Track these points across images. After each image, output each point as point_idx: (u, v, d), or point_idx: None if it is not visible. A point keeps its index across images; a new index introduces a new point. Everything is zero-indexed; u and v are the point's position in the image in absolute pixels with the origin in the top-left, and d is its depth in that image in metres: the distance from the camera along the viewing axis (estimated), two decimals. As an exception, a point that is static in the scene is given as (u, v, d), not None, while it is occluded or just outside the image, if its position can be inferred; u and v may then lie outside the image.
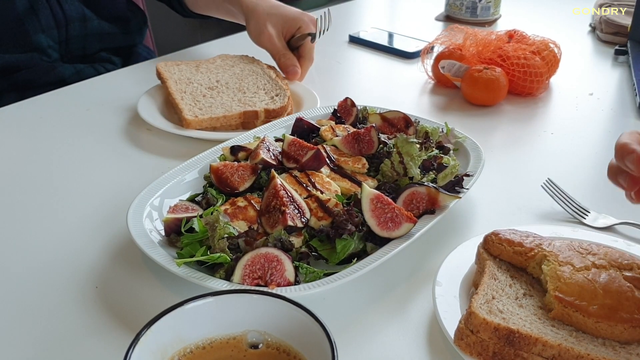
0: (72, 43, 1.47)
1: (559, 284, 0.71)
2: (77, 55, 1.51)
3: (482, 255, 0.79)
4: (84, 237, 0.91)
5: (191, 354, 0.58)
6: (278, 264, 0.76)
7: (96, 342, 0.73)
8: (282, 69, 1.39)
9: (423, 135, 1.06)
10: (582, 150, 1.18)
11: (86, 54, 1.52)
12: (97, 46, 1.53)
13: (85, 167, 1.10)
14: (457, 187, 0.92)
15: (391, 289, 0.82)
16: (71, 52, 1.49)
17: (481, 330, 0.67)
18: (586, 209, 0.96)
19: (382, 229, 0.83)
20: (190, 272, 0.76)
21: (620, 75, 1.50)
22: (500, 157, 1.14)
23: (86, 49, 1.51)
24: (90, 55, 1.54)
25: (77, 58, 1.51)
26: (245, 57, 1.44)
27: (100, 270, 0.85)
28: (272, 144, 1.00)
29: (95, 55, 1.55)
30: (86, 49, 1.52)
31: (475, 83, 1.30)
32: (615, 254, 0.76)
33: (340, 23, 1.86)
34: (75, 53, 1.50)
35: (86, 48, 1.51)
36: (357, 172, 0.96)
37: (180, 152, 1.12)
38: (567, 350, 0.65)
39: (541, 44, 1.37)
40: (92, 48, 1.53)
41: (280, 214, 0.82)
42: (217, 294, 0.59)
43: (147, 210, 0.88)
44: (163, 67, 1.35)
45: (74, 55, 1.50)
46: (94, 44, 1.52)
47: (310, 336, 0.56)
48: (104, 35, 1.53)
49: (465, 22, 1.80)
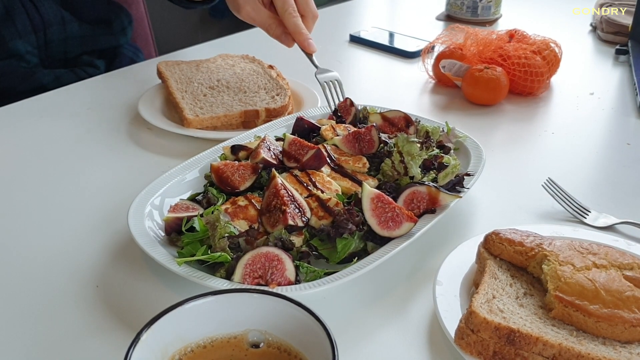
0: (52, 47, 1.44)
1: (560, 284, 0.71)
2: (59, 59, 1.47)
3: (483, 255, 0.79)
4: (85, 237, 0.91)
5: (192, 353, 0.58)
6: (279, 263, 0.76)
7: (97, 341, 0.73)
8: (278, 40, 1.25)
9: (424, 134, 1.06)
10: (583, 150, 1.18)
11: (68, 57, 1.49)
12: (78, 49, 1.49)
13: (86, 166, 1.10)
14: (457, 187, 0.92)
15: (392, 288, 0.82)
16: (52, 57, 1.45)
17: (482, 330, 0.67)
18: (587, 208, 0.96)
19: (382, 228, 0.83)
20: (190, 271, 0.76)
21: (621, 74, 1.50)
22: (501, 156, 1.14)
23: (67, 52, 1.48)
24: (72, 59, 1.50)
25: (58, 62, 1.47)
26: (246, 57, 1.44)
27: (100, 269, 0.85)
28: (273, 143, 1.00)
29: (77, 58, 1.51)
30: (67, 53, 1.48)
31: (476, 82, 1.30)
32: (615, 254, 0.76)
33: (341, 23, 1.86)
34: (56, 57, 1.46)
35: (67, 52, 1.48)
36: (358, 171, 0.96)
37: (181, 152, 1.12)
38: (568, 350, 0.65)
39: (542, 43, 1.37)
40: (74, 51, 1.49)
41: (281, 213, 0.82)
42: (218, 293, 0.59)
43: (147, 210, 0.88)
44: (164, 67, 1.35)
45: (55, 59, 1.46)
46: (75, 47, 1.48)
47: (311, 335, 0.56)
48: (86, 38, 1.49)
49: (466, 21, 1.80)
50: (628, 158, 1.14)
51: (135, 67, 1.53)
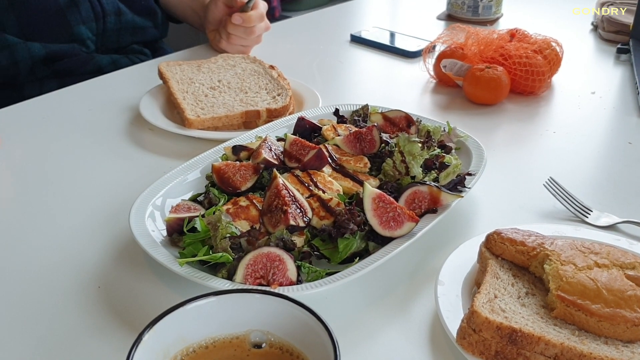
0: (107, 36, 1.55)
1: (562, 283, 0.71)
2: (111, 47, 1.58)
3: (485, 254, 0.79)
4: (87, 237, 0.91)
5: (194, 353, 0.58)
6: (280, 264, 0.76)
7: (99, 341, 0.73)
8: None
9: (425, 134, 1.06)
10: (584, 149, 1.18)
11: (119, 46, 1.60)
12: (129, 39, 1.61)
13: (87, 167, 1.10)
14: (459, 186, 0.92)
15: (393, 288, 0.82)
16: (106, 44, 1.57)
17: (483, 329, 0.67)
18: (588, 207, 0.96)
19: (384, 228, 0.83)
20: (192, 271, 0.77)
21: (622, 73, 1.50)
22: (502, 156, 1.14)
23: (120, 42, 1.59)
24: (123, 48, 1.61)
25: (111, 50, 1.58)
26: (247, 57, 1.44)
27: (102, 270, 0.85)
28: (274, 144, 1.00)
29: (127, 47, 1.62)
30: (120, 42, 1.59)
31: (477, 82, 1.30)
32: (617, 253, 0.76)
33: (342, 22, 1.86)
34: (109, 45, 1.58)
35: (120, 41, 1.59)
36: (359, 171, 0.96)
37: (182, 152, 1.12)
38: (570, 349, 0.65)
39: (543, 42, 1.37)
40: (125, 41, 1.60)
41: (283, 213, 0.82)
42: (220, 294, 0.59)
43: (149, 210, 0.88)
44: (165, 67, 1.36)
45: (108, 47, 1.58)
46: (127, 37, 1.60)
47: (312, 335, 0.56)
48: (137, 29, 1.61)
49: (467, 21, 1.80)
50: (630, 157, 1.14)
51: (136, 68, 1.53)
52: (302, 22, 1.86)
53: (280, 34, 1.69)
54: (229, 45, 1.52)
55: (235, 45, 1.52)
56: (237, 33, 1.49)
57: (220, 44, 1.53)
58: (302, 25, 1.83)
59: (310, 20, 1.89)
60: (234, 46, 1.52)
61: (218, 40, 1.54)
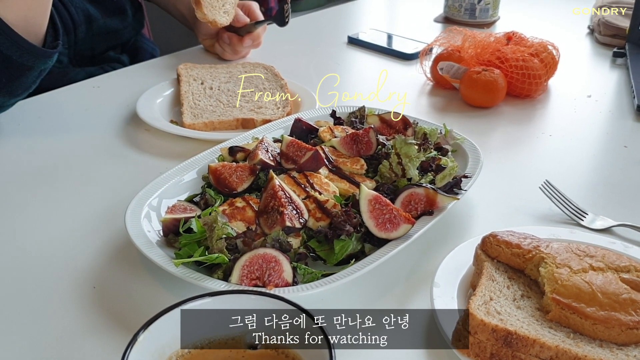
0: (80, 46, 1.49)
1: (557, 286, 0.71)
2: (86, 56, 1.53)
3: (480, 257, 0.79)
4: (82, 237, 0.91)
5: (189, 354, 0.58)
6: (276, 265, 0.76)
7: (94, 342, 0.73)
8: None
9: (421, 136, 1.06)
10: (580, 152, 1.19)
11: (94, 54, 1.55)
12: (103, 45, 1.56)
13: (83, 167, 1.10)
14: (455, 189, 0.92)
15: (389, 290, 0.82)
16: (80, 54, 1.51)
17: (479, 332, 0.67)
18: (584, 210, 0.96)
19: (380, 230, 0.83)
20: (188, 272, 0.76)
21: (618, 77, 1.50)
22: (499, 158, 1.14)
23: (94, 49, 1.54)
24: (99, 55, 1.56)
25: (85, 59, 1.53)
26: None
27: (98, 270, 0.85)
28: (271, 145, 1.00)
29: (103, 55, 1.57)
30: (94, 49, 1.54)
31: (473, 85, 1.30)
32: (612, 256, 0.76)
33: (339, 24, 1.86)
34: (84, 54, 1.52)
35: (94, 48, 1.54)
36: (356, 173, 0.96)
37: (178, 153, 1.12)
38: (565, 352, 0.65)
39: (539, 45, 1.37)
40: (99, 48, 1.55)
41: (279, 214, 0.82)
42: (215, 295, 0.59)
43: (145, 211, 0.88)
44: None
45: (83, 56, 1.52)
46: (101, 44, 1.55)
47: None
48: (110, 34, 1.56)
49: (464, 23, 1.80)
50: (625, 160, 1.14)
51: (132, 68, 1.53)
52: (300, 24, 1.86)
53: (277, 35, 1.69)
54: (234, 56, 1.53)
55: (240, 55, 1.54)
56: (246, 49, 1.52)
57: (225, 55, 1.53)
58: (300, 27, 1.83)
59: (308, 22, 1.89)
60: (238, 55, 1.54)
61: (221, 52, 1.53)
